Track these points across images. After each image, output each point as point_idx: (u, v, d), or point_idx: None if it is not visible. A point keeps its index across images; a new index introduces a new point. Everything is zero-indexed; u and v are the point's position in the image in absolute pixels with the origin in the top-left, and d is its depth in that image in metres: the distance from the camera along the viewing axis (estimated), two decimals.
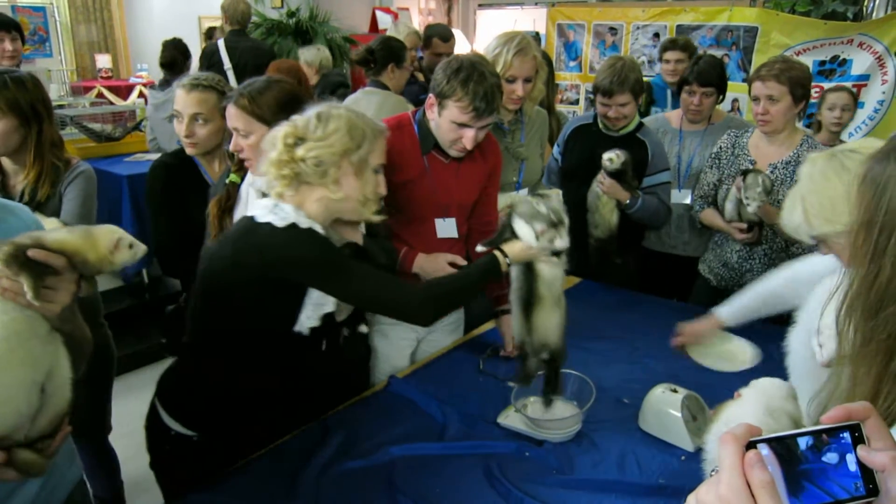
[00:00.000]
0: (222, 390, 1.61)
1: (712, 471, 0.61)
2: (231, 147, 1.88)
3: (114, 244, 1.18)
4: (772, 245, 2.59)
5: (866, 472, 0.60)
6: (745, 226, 2.52)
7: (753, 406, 1.24)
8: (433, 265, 2.06)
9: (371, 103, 3.35)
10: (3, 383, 1.07)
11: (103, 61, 7.77)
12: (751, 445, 0.61)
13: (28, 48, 7.06)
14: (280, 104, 1.80)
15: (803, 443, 0.61)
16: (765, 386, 1.31)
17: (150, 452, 1.70)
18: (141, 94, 6.91)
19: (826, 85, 4.40)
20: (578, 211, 2.69)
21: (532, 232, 1.68)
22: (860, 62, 4.52)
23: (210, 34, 5.52)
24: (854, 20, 5.18)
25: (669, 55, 3.95)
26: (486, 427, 1.79)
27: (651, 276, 3.25)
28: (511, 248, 1.72)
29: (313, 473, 1.58)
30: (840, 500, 0.60)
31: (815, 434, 0.61)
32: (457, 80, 1.88)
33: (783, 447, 0.61)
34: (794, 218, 1.32)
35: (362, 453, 1.66)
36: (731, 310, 1.99)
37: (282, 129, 1.53)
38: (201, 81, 2.15)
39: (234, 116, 1.82)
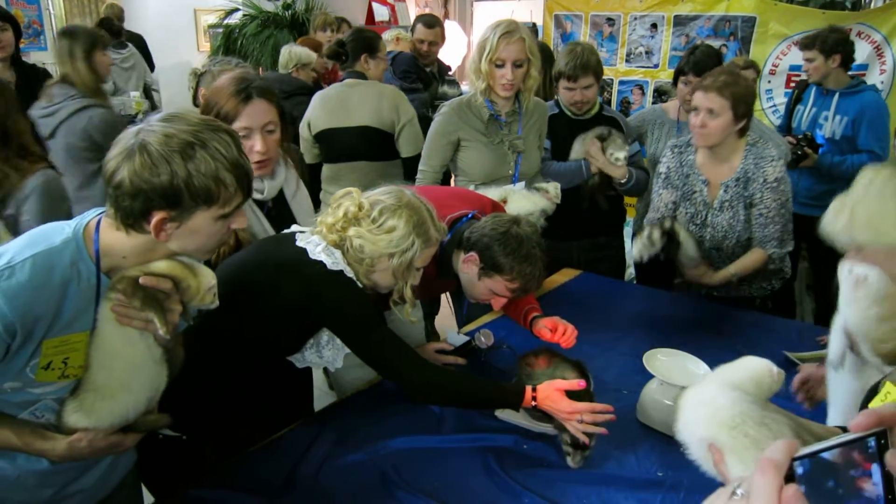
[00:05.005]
0: (213, 390, 1.60)
1: (736, 489, 0.58)
2: (261, 147, 1.75)
3: (211, 285, 1.29)
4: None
5: (889, 482, 0.56)
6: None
7: (715, 384, 1.18)
8: None
9: (366, 96, 3.25)
10: (123, 404, 1.27)
11: None
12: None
13: (23, 41, 7.00)
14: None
15: (835, 456, 0.57)
16: (738, 364, 1.26)
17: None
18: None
19: None
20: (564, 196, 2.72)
21: None
22: (859, 51, 4.46)
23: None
24: (852, 9, 5.15)
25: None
26: (483, 420, 1.78)
27: (651, 266, 3.25)
28: (545, 393, 1.62)
29: (311, 467, 1.58)
30: None
31: (846, 444, 0.57)
32: (514, 260, 1.81)
33: (819, 464, 0.56)
34: (837, 223, 1.28)
35: (360, 446, 1.65)
36: None
37: (348, 202, 1.58)
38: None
39: (267, 111, 1.75)
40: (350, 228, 1.55)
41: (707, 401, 1.09)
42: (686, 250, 2.40)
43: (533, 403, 1.62)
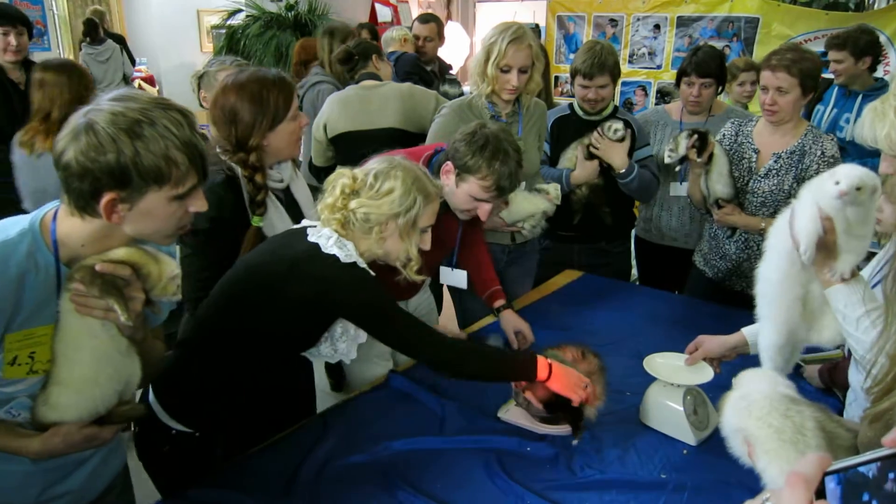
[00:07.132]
0: (227, 387, 1.61)
1: (765, 502, 0.59)
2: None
3: (174, 274, 1.27)
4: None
5: None
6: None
7: (764, 383, 1.23)
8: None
9: (389, 98, 3.15)
10: (91, 397, 1.25)
11: None
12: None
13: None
14: None
15: (870, 470, 0.55)
16: (759, 374, 1.30)
17: (143, 450, 1.66)
18: (140, 88, 6.89)
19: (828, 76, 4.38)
20: (566, 199, 2.72)
21: None
22: None
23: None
24: (856, 10, 5.14)
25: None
26: (486, 421, 1.78)
27: (651, 268, 3.25)
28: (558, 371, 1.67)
29: (313, 468, 1.58)
30: None
31: (881, 459, 0.56)
32: (482, 158, 1.84)
33: (851, 480, 0.55)
34: (878, 128, 1.28)
35: (362, 448, 1.65)
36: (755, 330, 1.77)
37: (342, 178, 1.59)
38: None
39: None
40: (351, 202, 1.56)
41: (745, 395, 1.20)
42: (719, 166, 2.43)
43: (546, 376, 1.64)
